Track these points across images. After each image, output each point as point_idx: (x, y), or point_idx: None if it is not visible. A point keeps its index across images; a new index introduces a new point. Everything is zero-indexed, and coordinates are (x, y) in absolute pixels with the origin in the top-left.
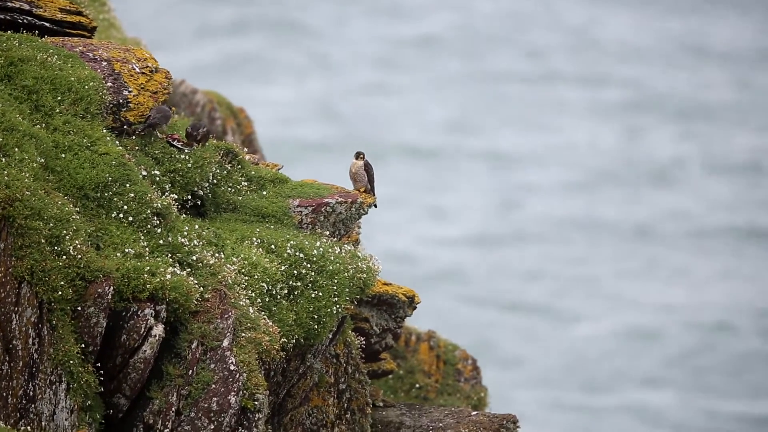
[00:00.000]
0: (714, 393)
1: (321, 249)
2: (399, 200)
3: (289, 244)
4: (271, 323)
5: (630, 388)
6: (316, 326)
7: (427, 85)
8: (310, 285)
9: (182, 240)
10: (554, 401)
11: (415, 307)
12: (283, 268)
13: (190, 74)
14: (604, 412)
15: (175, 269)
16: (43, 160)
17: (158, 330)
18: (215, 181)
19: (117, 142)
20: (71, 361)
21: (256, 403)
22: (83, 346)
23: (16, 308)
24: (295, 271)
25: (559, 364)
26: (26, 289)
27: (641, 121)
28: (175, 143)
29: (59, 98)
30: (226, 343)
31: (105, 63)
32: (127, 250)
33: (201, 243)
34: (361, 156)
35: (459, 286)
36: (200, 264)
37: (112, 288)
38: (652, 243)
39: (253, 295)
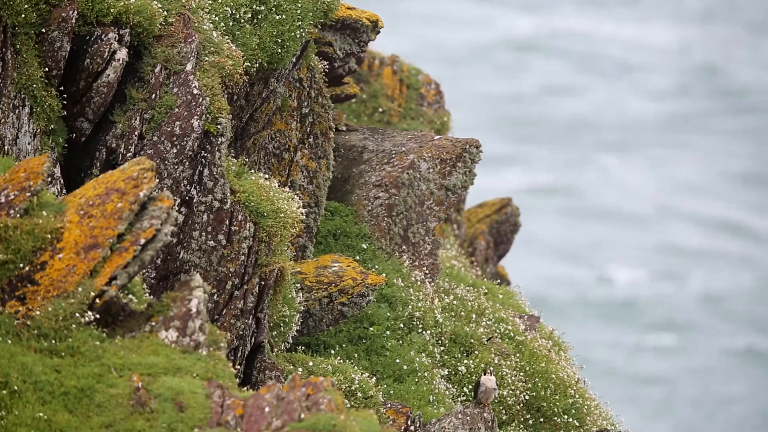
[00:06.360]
0: None
1: None
2: None
3: None
4: (234, 47)
5: None
6: (279, 50)
7: None
8: (273, 9)
9: None
10: None
11: (378, 32)
12: None
13: None
14: None
15: None
16: None
17: (122, 54)
18: None
19: None
20: (34, 85)
21: (218, 126)
22: (47, 70)
23: None
24: None
25: None
26: None
27: None
28: None
29: None
30: (189, 67)
31: None
32: None
33: None
34: None
35: None
36: None
37: (76, 12)
38: None
39: (217, 19)
